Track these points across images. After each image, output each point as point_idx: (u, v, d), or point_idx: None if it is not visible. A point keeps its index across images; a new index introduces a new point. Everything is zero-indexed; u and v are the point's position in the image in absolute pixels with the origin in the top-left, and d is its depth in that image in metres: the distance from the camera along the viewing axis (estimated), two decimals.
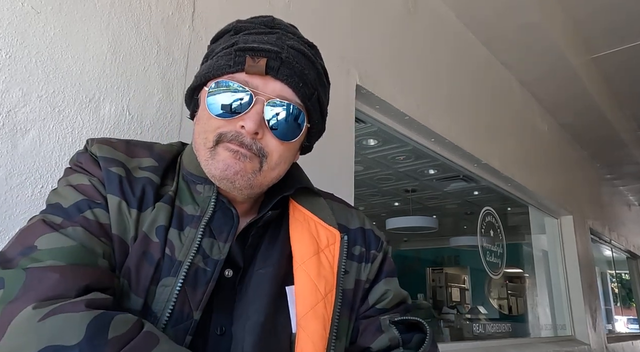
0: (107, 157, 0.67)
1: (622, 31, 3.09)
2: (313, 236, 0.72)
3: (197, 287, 0.62)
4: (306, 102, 0.70)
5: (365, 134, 2.91)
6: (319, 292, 0.67)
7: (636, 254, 6.87)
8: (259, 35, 0.70)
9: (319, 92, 0.72)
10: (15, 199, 0.89)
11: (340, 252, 0.71)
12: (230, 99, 0.66)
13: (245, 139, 0.65)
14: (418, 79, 2.33)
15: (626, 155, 5.26)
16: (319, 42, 1.79)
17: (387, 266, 0.80)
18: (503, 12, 2.77)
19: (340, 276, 0.70)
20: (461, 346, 2.70)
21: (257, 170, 0.67)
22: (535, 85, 3.67)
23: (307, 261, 0.69)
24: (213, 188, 0.69)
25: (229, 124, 0.66)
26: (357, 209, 0.86)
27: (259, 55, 0.66)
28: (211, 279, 0.64)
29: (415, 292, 7.07)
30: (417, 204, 5.57)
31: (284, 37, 0.70)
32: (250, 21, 0.73)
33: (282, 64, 0.67)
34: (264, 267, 0.69)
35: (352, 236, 0.77)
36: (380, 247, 0.79)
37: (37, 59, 0.95)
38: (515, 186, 3.42)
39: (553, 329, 3.94)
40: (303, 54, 0.70)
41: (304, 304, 0.66)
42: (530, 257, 4.18)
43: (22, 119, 0.92)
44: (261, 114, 0.65)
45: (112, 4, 1.10)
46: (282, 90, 0.67)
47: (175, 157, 0.75)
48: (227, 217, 0.69)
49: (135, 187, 0.65)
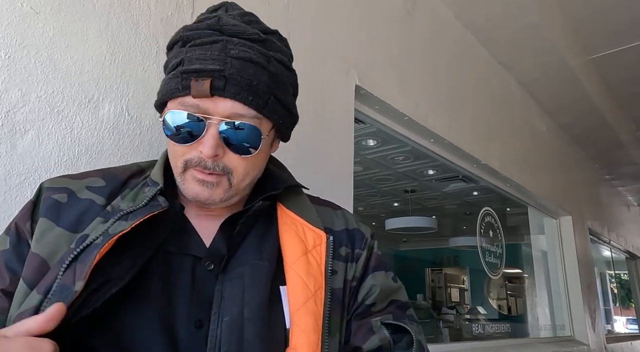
0: (52, 187, 0.70)
1: (621, 32, 3.10)
2: (300, 238, 0.74)
3: (85, 259, 0.60)
4: (262, 111, 0.69)
5: (364, 135, 2.91)
6: (309, 289, 0.68)
7: (635, 255, 6.88)
8: (203, 48, 0.68)
9: (275, 94, 0.70)
10: (14, 199, 0.89)
11: (326, 253, 0.73)
12: (185, 127, 0.67)
13: (207, 163, 0.67)
14: (417, 79, 2.33)
15: (625, 156, 5.27)
16: (319, 42, 1.81)
17: (373, 261, 0.80)
18: (502, 13, 2.78)
19: (328, 275, 0.71)
20: (460, 346, 2.71)
21: (227, 188, 0.70)
22: (534, 86, 3.68)
23: (296, 261, 0.71)
24: (156, 190, 0.70)
25: (191, 150, 0.68)
26: (342, 209, 0.86)
27: (203, 76, 0.65)
28: (100, 249, 0.60)
29: (414, 293, 7.07)
30: (416, 204, 5.57)
31: (229, 44, 0.67)
32: (196, 27, 0.70)
33: (227, 81, 0.65)
34: (261, 259, 0.71)
35: (338, 237, 0.78)
36: (364, 245, 0.80)
37: (36, 60, 0.95)
38: (514, 186, 3.42)
39: (552, 330, 3.94)
40: (250, 61, 0.67)
41: (296, 301, 0.67)
42: (530, 258, 4.19)
43: (21, 120, 0.92)
44: (216, 137, 0.66)
45: (111, 4, 1.10)
46: (233, 108, 0.66)
47: (137, 173, 0.77)
48: (154, 208, 0.68)
49: (72, 210, 0.68)
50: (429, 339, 2.84)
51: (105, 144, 1.04)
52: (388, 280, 0.80)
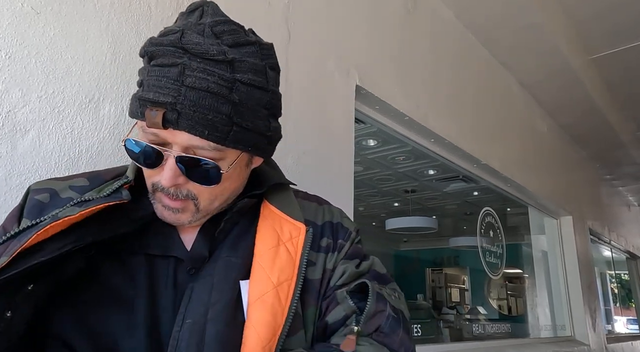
0: (37, 188, 0.71)
1: (622, 32, 3.10)
2: (276, 231, 0.72)
3: (24, 238, 0.59)
4: (222, 143, 0.64)
5: (364, 135, 2.91)
6: (271, 282, 0.66)
7: (635, 255, 6.87)
8: (162, 70, 0.63)
9: (238, 123, 0.65)
10: (15, 199, 0.89)
11: (304, 244, 0.71)
12: (144, 155, 0.67)
13: (169, 191, 0.67)
14: (418, 79, 2.33)
15: (625, 156, 5.27)
16: (319, 42, 1.81)
17: (352, 250, 0.77)
18: (503, 13, 2.78)
19: (302, 266, 0.69)
20: (461, 346, 2.71)
21: (194, 212, 0.69)
22: (535, 86, 3.68)
23: (263, 254, 0.69)
24: (122, 182, 0.70)
25: (155, 174, 0.68)
26: (329, 204, 0.85)
27: (156, 107, 0.62)
28: (39, 230, 0.59)
29: (414, 293, 7.07)
30: (416, 204, 5.57)
31: (187, 70, 0.62)
32: (160, 42, 0.65)
33: (180, 115, 0.62)
34: (235, 256, 0.69)
35: (320, 230, 0.77)
36: (347, 237, 0.78)
37: (36, 60, 0.95)
38: (514, 186, 3.42)
39: (552, 330, 3.94)
40: (207, 92, 0.62)
41: (253, 294, 0.65)
42: (530, 258, 4.18)
43: (22, 120, 0.92)
44: (174, 168, 0.65)
45: (112, 4, 1.10)
46: (190, 140, 0.63)
47: (122, 173, 0.76)
48: (113, 199, 0.67)
49: (53, 209, 0.67)
50: (429, 339, 2.84)
51: (105, 144, 1.04)
52: (362, 265, 0.76)
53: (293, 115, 1.55)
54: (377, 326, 0.66)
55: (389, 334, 0.66)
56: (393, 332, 0.66)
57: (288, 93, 1.55)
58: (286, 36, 1.56)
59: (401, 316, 0.69)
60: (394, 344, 0.66)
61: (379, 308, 0.67)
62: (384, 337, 0.66)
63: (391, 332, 0.66)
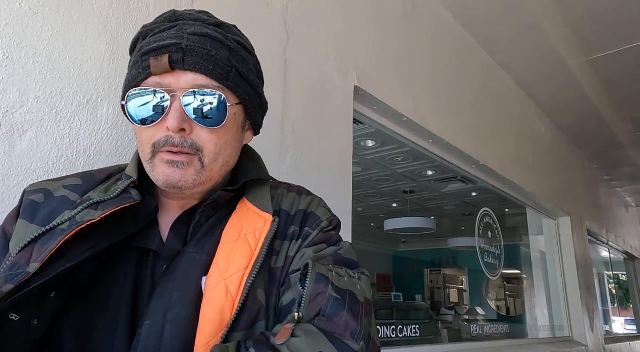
0: (31, 190, 0.72)
1: (620, 33, 3.11)
2: (241, 224, 0.70)
3: (47, 243, 0.60)
4: (224, 82, 0.68)
5: (363, 135, 2.91)
6: (220, 275, 0.63)
7: (633, 255, 6.89)
8: (160, 34, 0.69)
9: (237, 67, 0.70)
10: (13, 200, 0.88)
11: (267, 234, 0.68)
12: (148, 105, 0.66)
13: (175, 140, 0.66)
14: (416, 80, 2.33)
15: (623, 157, 5.28)
16: (317, 43, 1.81)
17: (320, 238, 0.73)
18: (501, 14, 2.78)
19: (260, 256, 0.65)
20: (459, 347, 2.71)
21: (199, 168, 0.68)
22: (533, 87, 3.68)
23: (222, 248, 0.67)
24: (129, 182, 0.70)
25: (158, 131, 0.67)
26: (311, 196, 0.81)
27: (160, 53, 0.66)
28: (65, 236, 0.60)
29: (413, 294, 7.07)
30: (415, 205, 5.57)
31: (185, 26, 0.69)
32: (154, 22, 0.72)
33: (185, 53, 0.66)
34: (199, 251, 0.67)
35: (291, 219, 0.74)
36: (316, 225, 0.74)
37: (34, 60, 0.95)
38: (512, 187, 3.42)
39: (551, 330, 3.94)
40: (207, 36, 0.68)
41: (205, 291, 0.63)
42: (528, 259, 4.19)
43: (20, 120, 0.92)
44: (181, 110, 0.65)
45: (111, 4, 1.10)
46: (195, 80, 0.66)
47: (116, 172, 0.76)
48: (126, 200, 0.67)
49: (47, 208, 0.68)
50: (427, 339, 2.84)
51: (103, 145, 1.04)
52: (321, 252, 0.71)
53: (291, 115, 1.55)
54: (319, 309, 0.61)
55: (332, 318, 0.60)
56: (335, 315, 0.60)
57: (287, 94, 1.55)
58: (285, 37, 1.55)
59: (347, 296, 0.63)
60: (337, 328, 0.59)
61: (319, 290, 0.62)
62: (326, 322, 0.60)
63: (333, 315, 0.60)
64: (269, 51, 1.48)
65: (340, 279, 0.65)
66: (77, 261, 0.60)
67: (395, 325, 2.35)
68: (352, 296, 0.63)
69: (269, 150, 1.45)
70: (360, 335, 0.59)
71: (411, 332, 2.41)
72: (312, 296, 0.62)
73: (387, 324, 2.31)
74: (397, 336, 2.32)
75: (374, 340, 0.62)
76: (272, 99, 1.51)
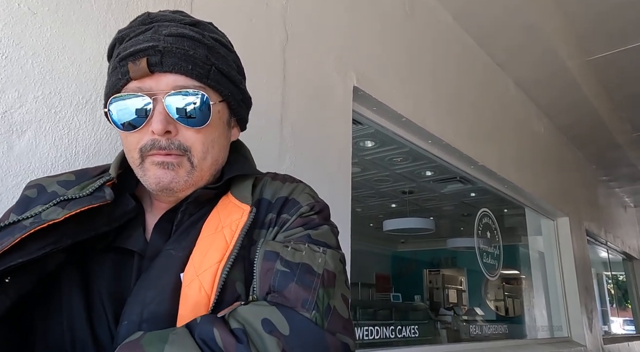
0: (28, 185, 0.73)
1: (619, 34, 3.11)
2: (219, 218, 0.69)
3: (5, 237, 0.59)
4: (205, 81, 0.68)
5: (362, 136, 2.91)
6: (194, 271, 0.62)
7: (632, 256, 6.90)
8: (136, 38, 0.68)
9: (216, 65, 0.70)
10: (11, 200, 0.88)
11: (245, 224, 0.66)
12: (131, 110, 0.66)
13: (161, 143, 0.66)
14: (415, 80, 2.34)
15: (622, 157, 5.29)
16: (317, 43, 1.81)
17: (298, 222, 0.70)
18: (500, 14, 2.79)
19: (235, 249, 0.64)
20: (458, 347, 2.71)
21: (190, 169, 0.68)
22: (531, 88, 3.69)
23: (199, 243, 0.66)
24: (104, 180, 0.69)
25: (143, 135, 0.67)
26: (297, 183, 0.78)
27: (138, 57, 0.66)
28: (23, 234, 0.59)
29: (412, 294, 7.07)
30: (414, 205, 5.57)
31: (161, 28, 0.68)
32: (129, 26, 0.72)
33: (163, 55, 0.66)
34: (176, 248, 0.66)
35: (270, 207, 0.72)
36: (295, 211, 0.71)
37: (33, 60, 0.95)
38: (511, 187, 3.43)
39: (549, 331, 3.95)
40: (183, 36, 0.68)
41: (182, 288, 0.62)
42: (527, 259, 4.19)
43: (18, 120, 0.92)
44: (164, 112, 0.65)
45: (109, 5, 1.10)
46: (175, 81, 0.66)
47: (107, 169, 0.75)
48: (97, 199, 0.66)
49: (37, 204, 0.67)
50: (426, 340, 2.84)
51: (102, 145, 1.04)
52: (298, 232, 0.68)
53: (291, 116, 1.55)
54: (268, 286, 0.60)
55: (281, 292, 0.59)
56: (284, 288, 0.59)
57: (286, 94, 1.55)
58: (284, 37, 1.55)
59: (298, 269, 0.61)
60: (288, 301, 0.58)
61: (267, 266, 0.62)
62: (277, 297, 0.59)
63: (282, 288, 0.59)
64: (269, 51, 1.48)
65: (296, 254, 0.63)
66: (33, 257, 0.59)
67: (394, 325, 2.35)
68: (305, 268, 0.61)
69: (268, 151, 1.45)
70: (312, 305, 0.58)
71: (410, 332, 2.41)
72: (262, 274, 0.61)
73: (386, 325, 2.31)
74: (396, 336, 2.32)
75: (338, 312, 0.60)
76: (271, 100, 1.51)
